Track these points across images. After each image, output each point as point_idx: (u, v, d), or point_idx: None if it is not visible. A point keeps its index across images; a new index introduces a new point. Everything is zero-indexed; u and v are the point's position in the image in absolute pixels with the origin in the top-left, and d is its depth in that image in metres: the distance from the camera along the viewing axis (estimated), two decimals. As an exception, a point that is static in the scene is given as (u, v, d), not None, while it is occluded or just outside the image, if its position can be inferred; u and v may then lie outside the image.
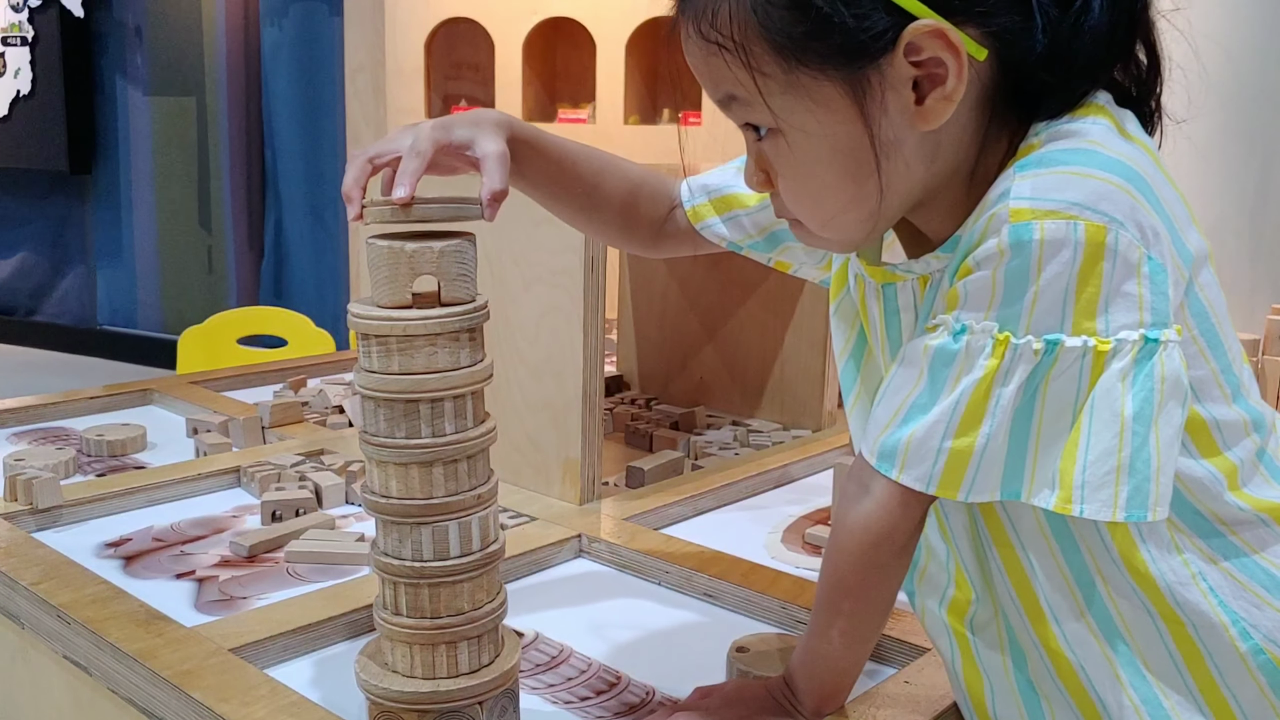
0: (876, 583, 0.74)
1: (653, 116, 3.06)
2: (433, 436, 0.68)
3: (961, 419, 0.65)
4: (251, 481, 1.26)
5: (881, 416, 0.69)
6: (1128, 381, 0.63)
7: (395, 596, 0.72)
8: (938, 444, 0.66)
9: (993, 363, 0.64)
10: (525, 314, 1.18)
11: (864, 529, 0.71)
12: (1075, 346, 0.63)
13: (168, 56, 4.53)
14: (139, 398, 1.64)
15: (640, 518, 1.16)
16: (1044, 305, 0.62)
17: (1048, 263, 0.62)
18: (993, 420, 0.64)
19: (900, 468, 0.67)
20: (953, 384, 0.65)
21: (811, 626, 0.77)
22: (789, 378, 1.54)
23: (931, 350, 0.66)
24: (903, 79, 0.64)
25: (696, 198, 0.95)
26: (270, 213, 4.30)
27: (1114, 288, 0.62)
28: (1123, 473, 0.63)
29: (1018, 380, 0.63)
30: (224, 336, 2.39)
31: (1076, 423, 0.64)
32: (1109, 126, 0.67)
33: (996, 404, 0.64)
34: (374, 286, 0.68)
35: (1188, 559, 0.69)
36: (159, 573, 1.05)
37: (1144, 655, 0.71)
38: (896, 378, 0.69)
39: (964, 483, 0.66)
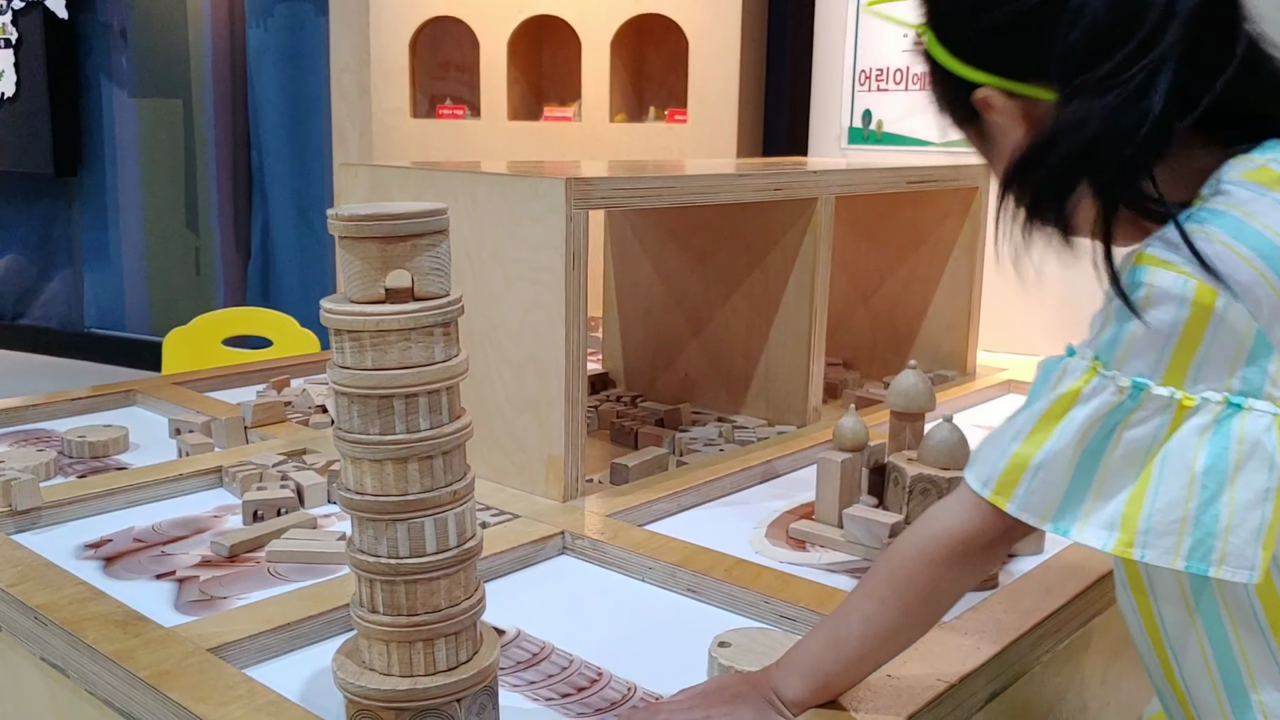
0: (918, 577, 0.74)
1: (639, 114, 3.06)
2: (407, 432, 0.68)
3: (1033, 427, 0.68)
4: (233, 481, 1.25)
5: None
6: (1204, 437, 0.65)
7: (372, 594, 0.71)
8: (1004, 446, 0.69)
9: (1077, 384, 0.67)
10: (508, 312, 1.18)
11: (930, 520, 0.74)
12: (1161, 396, 0.65)
13: (153, 58, 4.51)
14: (122, 399, 1.63)
15: (624, 514, 1.16)
16: (1139, 347, 0.65)
17: (1151, 308, 0.65)
18: (1060, 438, 0.67)
19: (973, 467, 0.71)
20: (1042, 397, 0.69)
21: (835, 610, 0.78)
22: (774, 374, 1.53)
23: (1041, 368, 0.71)
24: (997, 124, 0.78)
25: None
26: (257, 214, 4.29)
27: (1212, 352, 0.64)
28: (1188, 524, 0.65)
29: (1094, 408, 0.66)
30: (209, 338, 2.38)
31: (1146, 471, 0.66)
32: (1276, 198, 0.67)
33: (1069, 423, 0.67)
34: (346, 282, 0.67)
35: None
36: (139, 573, 1.04)
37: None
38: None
39: (1016, 492, 0.68)
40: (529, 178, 1.15)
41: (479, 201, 1.18)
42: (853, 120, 2.13)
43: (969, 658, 0.86)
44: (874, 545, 1.08)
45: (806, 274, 1.48)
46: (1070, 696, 1.04)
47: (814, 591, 0.97)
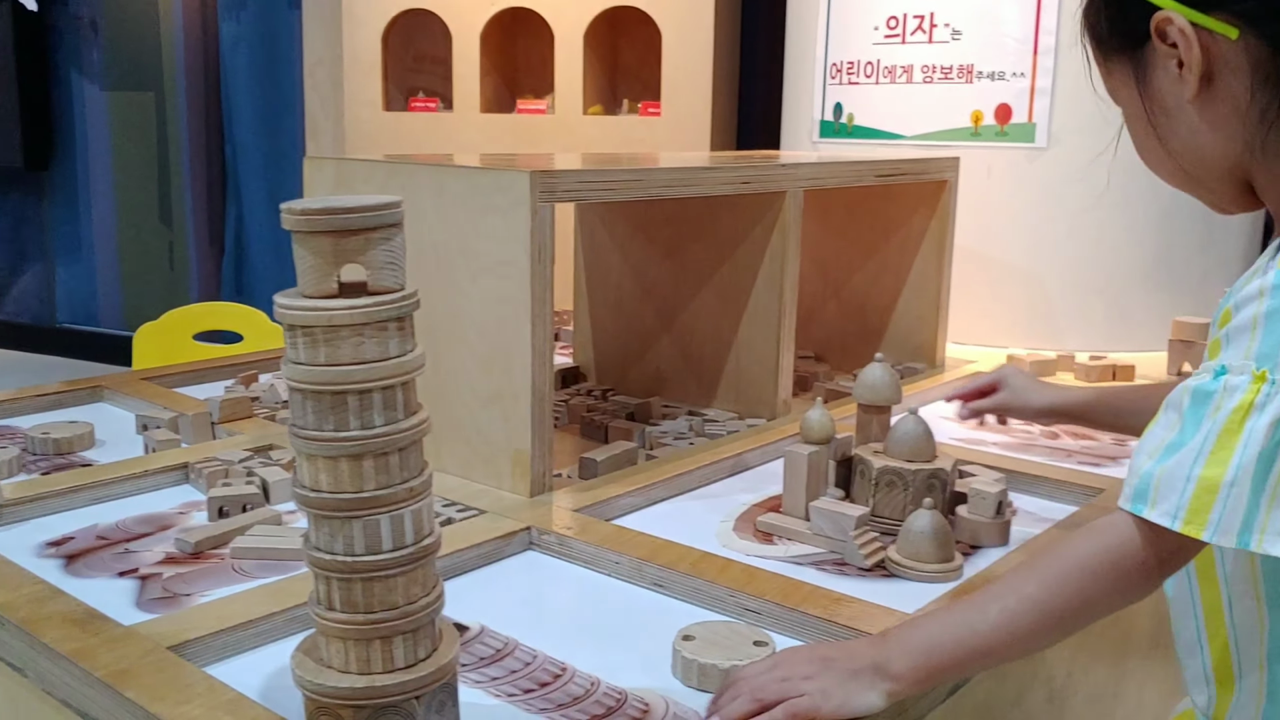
0: (1071, 583, 0.72)
1: (613, 107, 3.05)
2: (361, 429, 0.67)
3: (1213, 448, 0.67)
4: (199, 478, 1.24)
5: (1136, 463, 0.71)
6: None
7: (329, 592, 0.71)
8: (1187, 472, 0.67)
9: (1248, 396, 0.66)
10: (473, 306, 1.17)
11: (1096, 531, 0.73)
12: None
13: (125, 51, 4.47)
14: (89, 395, 1.61)
15: (592, 509, 1.16)
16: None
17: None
18: (1244, 451, 0.66)
19: (1151, 503, 0.69)
20: (1208, 419, 0.67)
21: (964, 599, 0.76)
22: (744, 368, 1.53)
23: (1191, 391, 0.70)
24: (1166, 57, 0.76)
25: None
26: (231, 208, 4.26)
27: None
28: None
29: (1271, 415, 0.65)
30: (180, 333, 2.37)
31: None
32: None
33: (1250, 435, 0.66)
34: (300, 277, 0.67)
35: None
36: (101, 571, 1.03)
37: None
38: (1157, 425, 0.72)
39: (1211, 517, 0.66)
40: (494, 171, 1.14)
41: (444, 195, 1.18)
42: (824, 113, 2.13)
43: (931, 650, 0.86)
44: (840, 538, 1.08)
45: (776, 267, 1.48)
46: (1036, 688, 1.05)
47: (779, 585, 0.96)
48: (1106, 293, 1.98)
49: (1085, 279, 1.98)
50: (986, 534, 1.12)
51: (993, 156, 1.97)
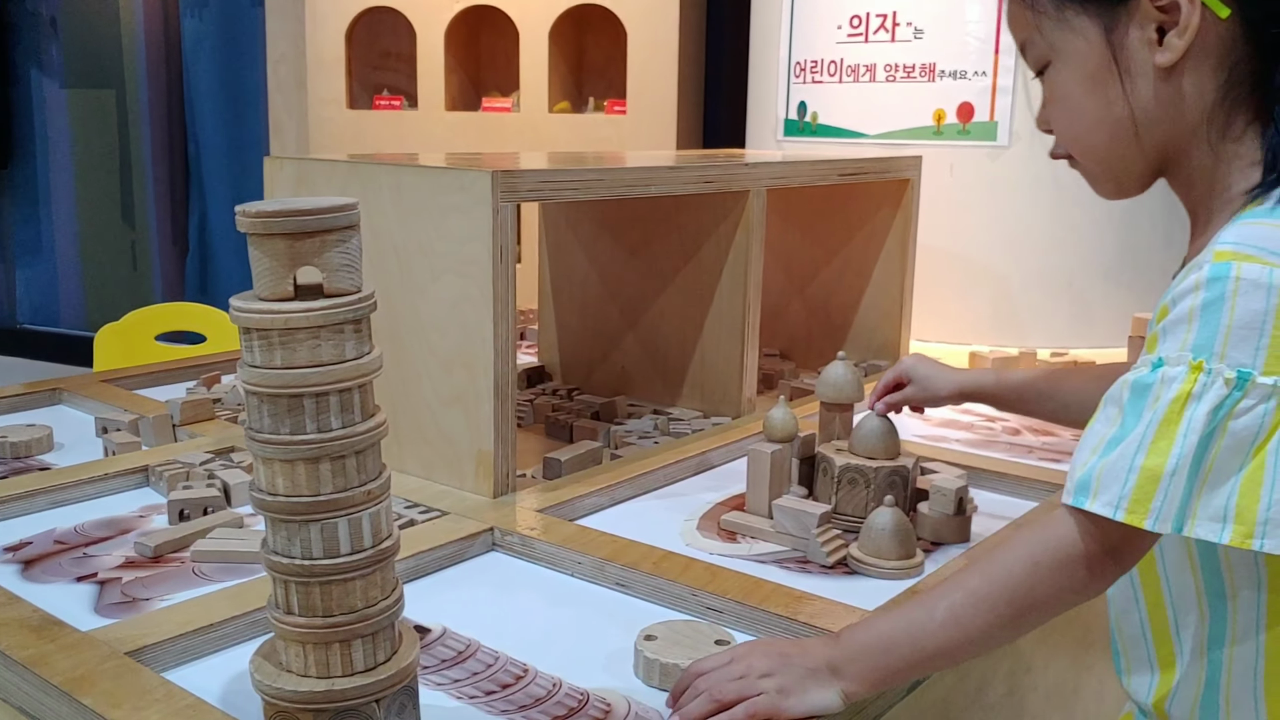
0: (1019, 580, 0.72)
1: (579, 105, 3.05)
2: (318, 432, 0.67)
3: (1154, 438, 0.67)
4: (160, 480, 1.23)
5: (1079, 458, 0.71)
6: None
7: (287, 596, 0.70)
8: (1129, 463, 0.68)
9: (1186, 386, 0.67)
10: (434, 306, 1.17)
11: (1041, 526, 0.73)
12: (1266, 385, 0.66)
13: (85, 48, 4.41)
14: (48, 397, 1.60)
15: (556, 509, 1.16)
16: (1237, 339, 0.66)
17: (1241, 297, 0.66)
18: (1184, 440, 0.67)
19: (1093, 495, 0.69)
20: (1147, 410, 0.68)
21: (917, 598, 0.76)
22: (709, 366, 1.54)
23: (1129, 384, 0.70)
24: (1148, 19, 0.75)
25: None
26: (194, 207, 4.22)
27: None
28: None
29: (1209, 403, 0.66)
30: (142, 334, 2.34)
31: (1257, 461, 0.67)
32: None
33: (1189, 424, 0.67)
34: (255, 279, 0.66)
35: None
36: (59, 576, 1.02)
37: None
38: (1097, 421, 0.72)
39: (1153, 506, 0.67)
40: (455, 170, 1.14)
41: (405, 194, 1.17)
42: (788, 112, 2.14)
43: (892, 647, 0.86)
44: (803, 535, 1.09)
45: (740, 266, 1.48)
46: (996, 683, 1.05)
47: (741, 583, 0.97)
48: (1069, 290, 2.00)
49: (1048, 276, 2.00)
50: (948, 531, 1.13)
51: (955, 155, 1.98)
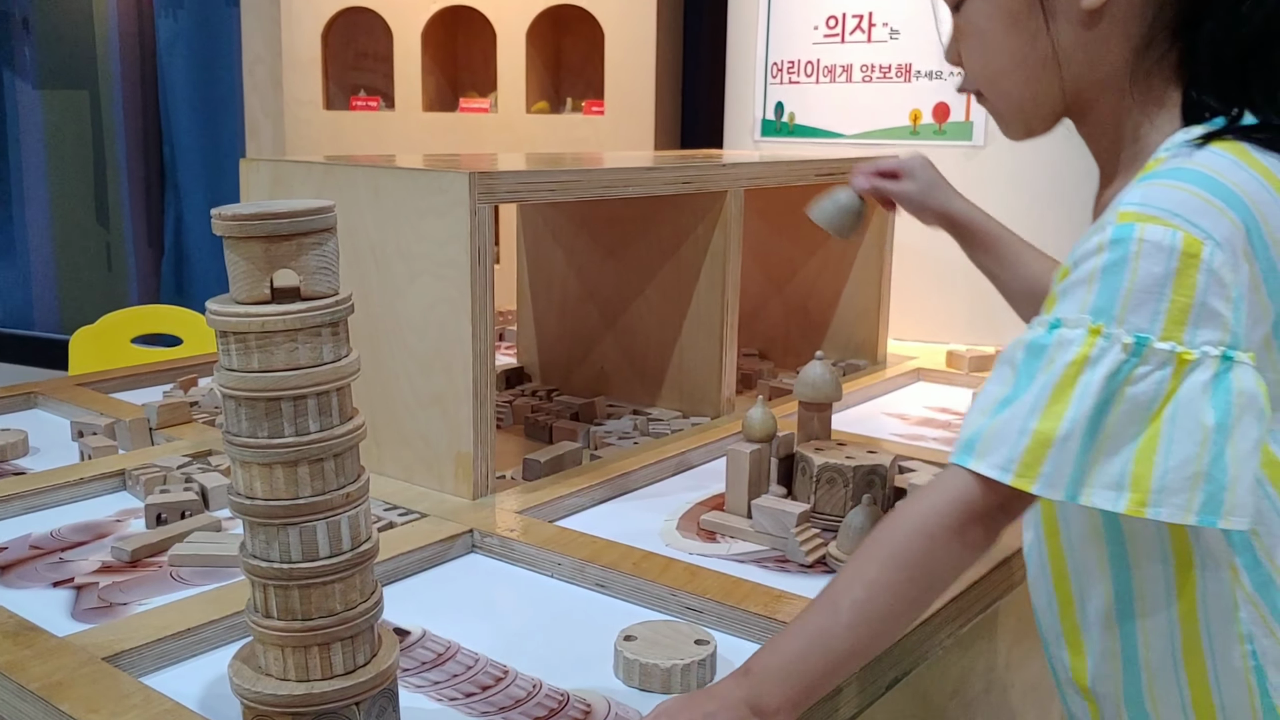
0: (914, 553, 0.69)
1: (557, 105, 3.04)
2: (296, 435, 0.67)
3: (1048, 401, 0.66)
4: (136, 484, 1.22)
5: (970, 418, 0.71)
6: (1209, 394, 0.65)
7: (265, 599, 0.70)
8: (1020, 424, 0.66)
9: (1083, 350, 0.66)
10: (412, 307, 1.17)
11: (919, 511, 0.70)
12: (1163, 350, 0.65)
13: (58, 48, 4.38)
14: (22, 401, 1.58)
15: (536, 510, 1.16)
16: (1136, 302, 0.65)
17: (1143, 260, 0.65)
18: (1079, 405, 0.65)
19: (980, 455, 0.68)
20: (1041, 372, 0.67)
21: (812, 605, 0.72)
22: (688, 366, 1.54)
23: (1024, 345, 0.69)
24: None
25: None
26: (170, 208, 4.19)
27: (1203, 302, 0.65)
28: (1201, 479, 0.65)
29: (1106, 369, 0.65)
30: (117, 337, 2.33)
31: (1152, 429, 0.65)
32: (1234, 159, 0.70)
33: (1084, 389, 0.65)
34: (232, 282, 0.66)
35: (1242, 617, 0.72)
36: (35, 581, 1.01)
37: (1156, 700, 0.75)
38: (991, 382, 0.71)
39: (1042, 470, 0.66)
40: (432, 172, 1.14)
41: (382, 196, 1.17)
42: (766, 112, 2.14)
43: (870, 645, 0.87)
44: (782, 535, 1.09)
45: (718, 266, 1.48)
46: (974, 680, 1.06)
47: (720, 583, 0.97)
48: (1044, 288, 2.01)
49: (1023, 275, 2.01)
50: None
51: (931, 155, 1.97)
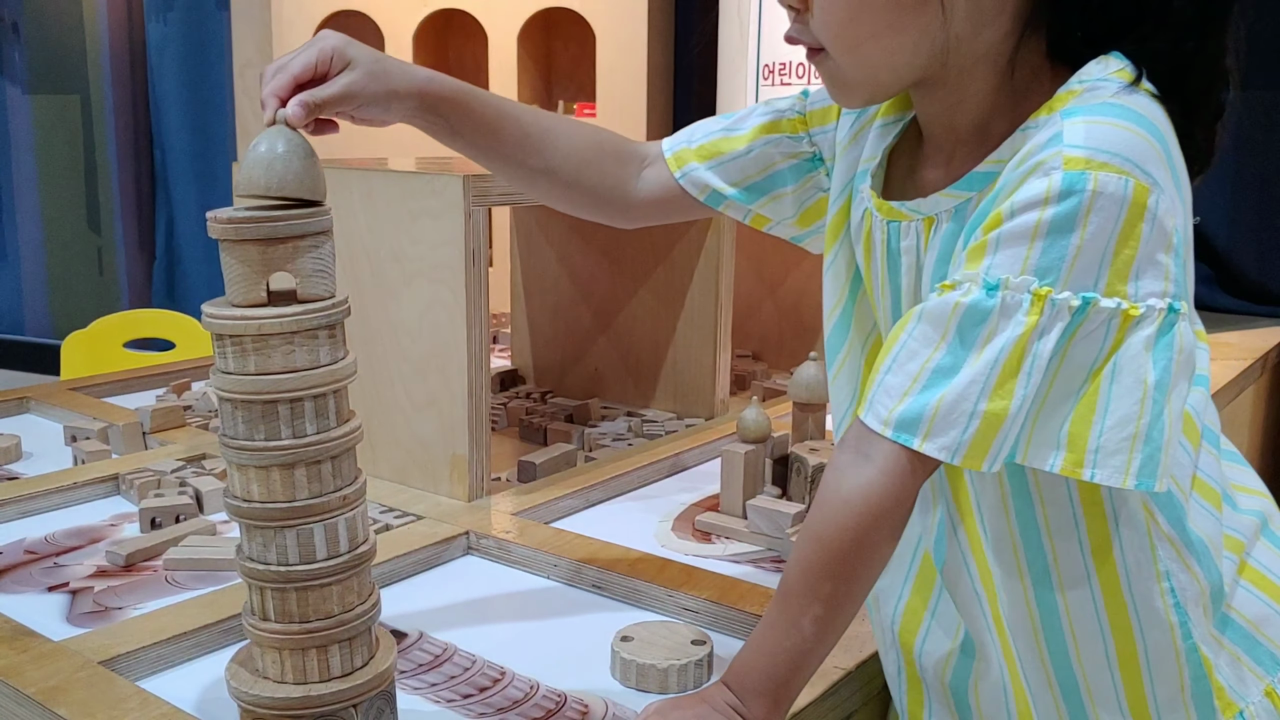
0: (867, 563, 0.67)
1: (548, 107, 3.04)
2: (293, 438, 0.67)
3: (998, 380, 0.61)
4: (130, 489, 1.22)
5: (896, 383, 0.64)
6: (1151, 350, 0.61)
7: (262, 601, 0.70)
8: (971, 407, 0.62)
9: (1031, 319, 0.61)
10: (406, 310, 1.17)
11: (864, 501, 0.65)
12: (1107, 308, 0.61)
13: (48, 53, 4.37)
14: (15, 406, 1.58)
15: (531, 512, 1.16)
16: (1084, 261, 0.60)
17: (1095, 214, 0.60)
18: (1029, 380, 0.61)
19: (925, 436, 0.63)
20: (984, 344, 0.62)
21: (774, 619, 0.69)
22: (681, 367, 1.54)
23: (962, 308, 0.62)
24: None
25: (677, 147, 0.91)
26: (161, 212, 4.19)
27: (1148, 253, 0.61)
28: (1139, 440, 0.62)
29: (1054, 337, 0.61)
30: (109, 341, 2.32)
31: (1092, 386, 0.62)
32: (1127, 83, 0.65)
33: (1033, 363, 0.61)
34: (228, 285, 0.66)
35: (1160, 555, 0.70)
36: (30, 586, 1.01)
37: (1079, 650, 0.72)
38: (913, 339, 0.64)
39: (991, 450, 0.62)
40: (426, 175, 1.14)
41: (376, 199, 1.17)
42: (758, 113, 2.14)
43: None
44: (777, 535, 1.09)
45: (711, 268, 1.48)
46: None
47: (716, 583, 0.97)
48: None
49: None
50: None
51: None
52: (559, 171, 0.88)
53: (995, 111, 0.69)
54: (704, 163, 0.89)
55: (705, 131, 0.91)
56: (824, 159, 0.87)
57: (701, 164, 0.90)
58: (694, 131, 0.91)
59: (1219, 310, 2.25)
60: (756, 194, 0.89)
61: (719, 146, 0.89)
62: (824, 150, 0.87)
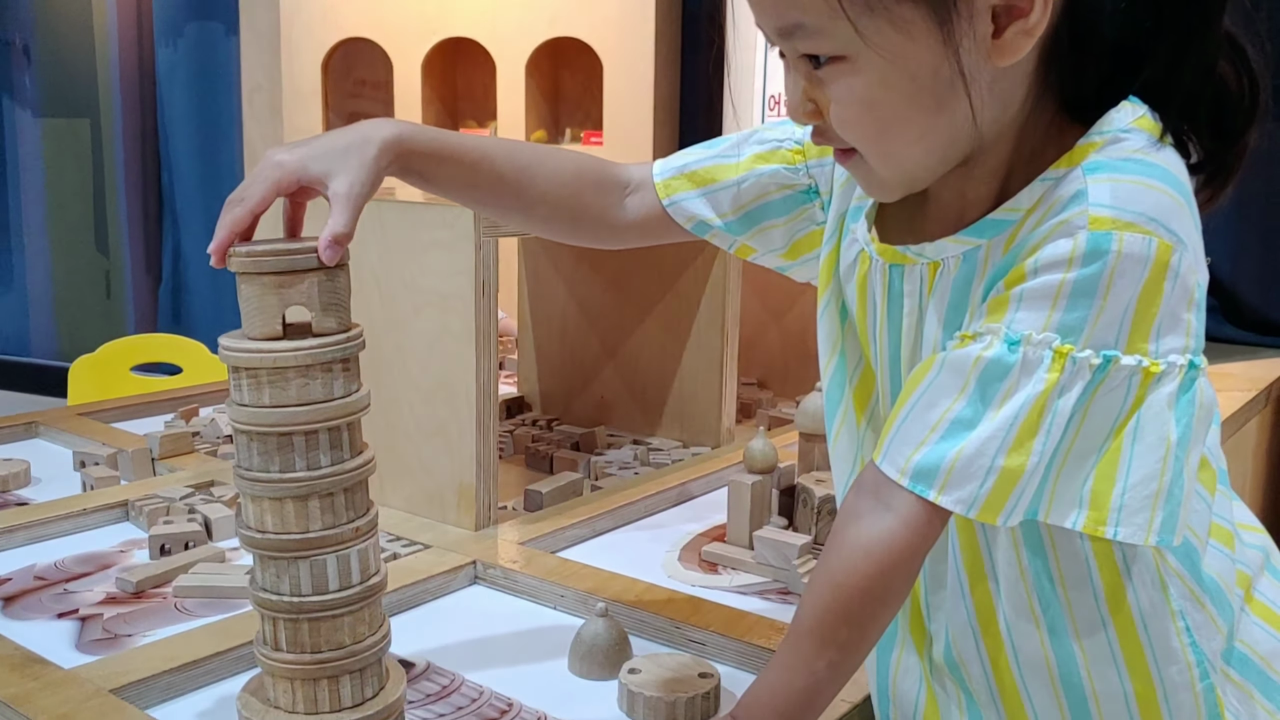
0: (883, 611, 0.67)
1: (555, 136, 3.06)
2: (308, 470, 0.67)
3: (1017, 435, 0.62)
4: (140, 515, 1.23)
5: (913, 431, 0.65)
6: (1174, 407, 0.62)
7: (275, 632, 0.71)
8: (989, 462, 0.62)
9: (1053, 376, 0.61)
10: (416, 339, 1.18)
11: (885, 551, 0.65)
12: (1129, 365, 0.61)
13: (58, 77, 4.40)
14: (24, 431, 1.59)
15: (538, 541, 1.16)
16: (1107, 319, 0.61)
17: (1120, 276, 0.60)
18: (1047, 437, 0.62)
19: (941, 488, 0.63)
20: (1004, 398, 0.62)
21: (787, 659, 0.69)
22: (688, 396, 1.55)
23: (984, 362, 0.63)
24: (984, 7, 0.62)
25: (668, 174, 0.89)
26: (168, 236, 4.21)
27: (1170, 310, 0.61)
28: (1161, 498, 0.62)
29: (1074, 395, 0.61)
30: (117, 365, 2.33)
31: (1115, 443, 0.62)
32: (1153, 138, 0.65)
33: (1052, 420, 0.62)
34: (244, 318, 0.67)
35: (1171, 595, 0.70)
36: (39, 613, 1.02)
37: (1098, 696, 0.72)
38: (933, 388, 0.65)
39: (1007, 505, 0.63)
40: (438, 206, 1.15)
41: (387, 229, 1.18)
42: (764, 143, 2.16)
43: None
44: (784, 567, 1.10)
45: (718, 296, 1.49)
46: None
47: (723, 615, 0.98)
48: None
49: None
50: (926, 560, 1.14)
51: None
52: (538, 207, 0.87)
53: (1011, 171, 0.69)
54: (694, 190, 0.88)
55: (698, 158, 0.89)
56: (820, 192, 0.86)
57: (692, 191, 0.88)
58: (686, 157, 0.90)
59: (1223, 341, 2.25)
60: (746, 224, 0.88)
61: (712, 174, 0.88)
62: (820, 183, 0.86)
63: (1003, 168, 0.69)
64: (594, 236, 0.92)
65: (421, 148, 0.79)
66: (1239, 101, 0.68)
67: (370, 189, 0.73)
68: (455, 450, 1.17)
